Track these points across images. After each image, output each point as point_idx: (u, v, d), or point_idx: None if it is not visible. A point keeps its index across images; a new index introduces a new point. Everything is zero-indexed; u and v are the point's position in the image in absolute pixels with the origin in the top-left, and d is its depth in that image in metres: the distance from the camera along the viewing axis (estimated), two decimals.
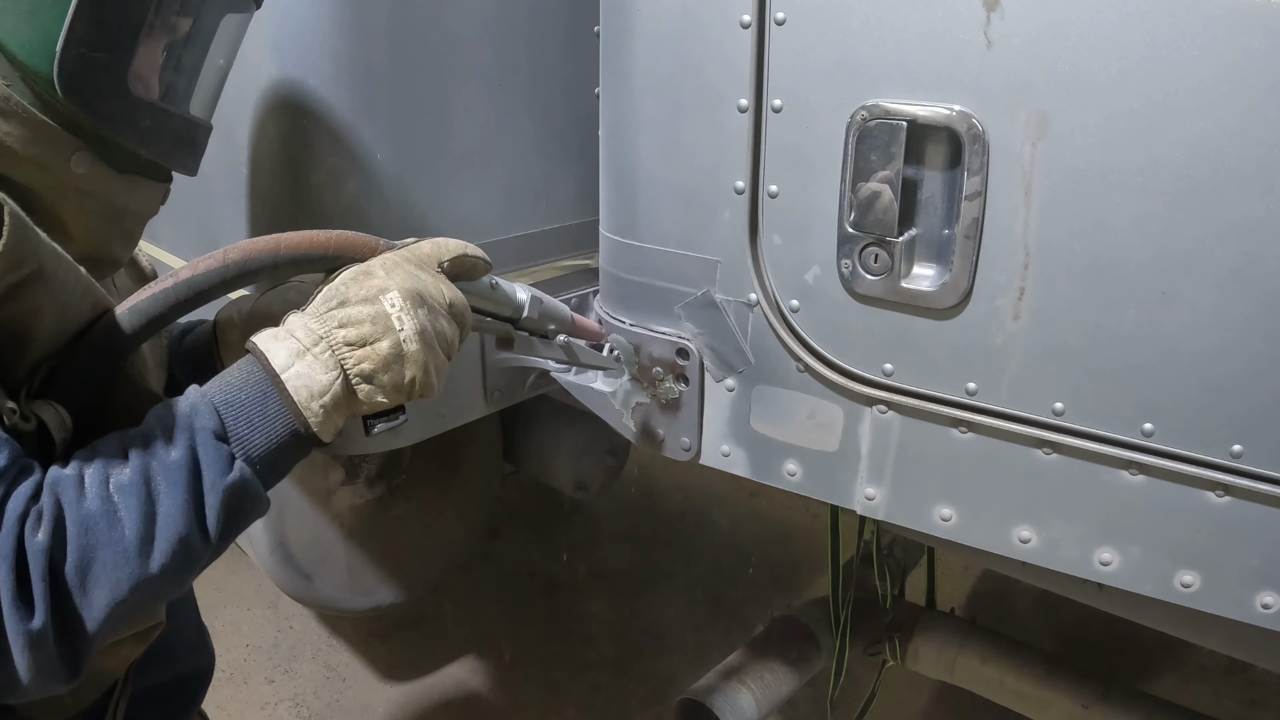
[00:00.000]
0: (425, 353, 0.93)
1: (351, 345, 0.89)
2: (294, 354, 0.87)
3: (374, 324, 0.90)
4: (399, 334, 0.90)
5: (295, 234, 0.95)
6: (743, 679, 1.90)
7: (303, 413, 0.86)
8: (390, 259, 0.96)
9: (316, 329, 0.89)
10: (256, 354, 0.88)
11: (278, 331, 0.90)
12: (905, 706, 2.78)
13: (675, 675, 2.98)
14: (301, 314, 0.91)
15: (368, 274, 0.93)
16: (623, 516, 3.92)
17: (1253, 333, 0.93)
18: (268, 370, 0.86)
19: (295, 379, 0.86)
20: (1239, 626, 1.04)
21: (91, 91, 0.89)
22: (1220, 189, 0.90)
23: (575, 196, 1.73)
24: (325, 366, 0.88)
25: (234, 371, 0.88)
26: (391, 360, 0.90)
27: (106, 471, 0.78)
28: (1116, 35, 0.91)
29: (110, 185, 0.94)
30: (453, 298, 0.98)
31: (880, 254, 1.09)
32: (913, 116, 1.03)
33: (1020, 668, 1.97)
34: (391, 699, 2.94)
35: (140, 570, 0.77)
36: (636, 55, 1.24)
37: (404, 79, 1.44)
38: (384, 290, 0.91)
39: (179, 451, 0.81)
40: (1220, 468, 0.98)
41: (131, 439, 0.82)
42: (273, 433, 0.86)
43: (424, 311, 0.93)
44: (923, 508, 1.20)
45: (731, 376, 1.30)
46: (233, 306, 1.21)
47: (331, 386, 0.88)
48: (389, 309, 0.90)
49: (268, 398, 0.86)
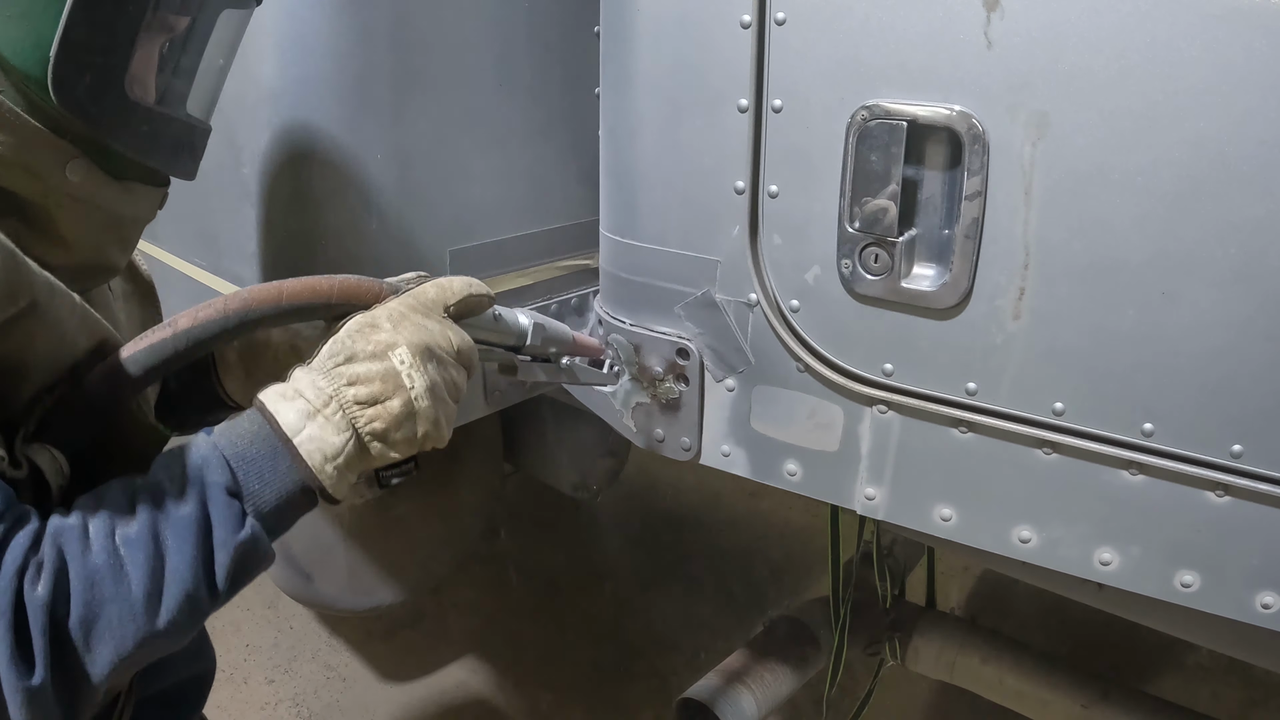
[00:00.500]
0: (436, 407, 0.92)
1: (362, 404, 0.88)
2: (304, 415, 0.86)
3: (384, 382, 0.89)
4: (410, 392, 0.90)
5: (296, 282, 0.93)
6: (743, 679, 1.90)
7: (317, 475, 0.85)
8: (396, 309, 0.94)
9: (326, 388, 0.87)
10: (265, 414, 0.86)
11: (285, 389, 0.88)
12: (905, 707, 2.78)
13: (675, 675, 2.98)
14: (308, 370, 0.90)
15: (374, 326, 0.92)
16: (623, 516, 3.92)
17: (1253, 333, 0.93)
18: (279, 434, 0.85)
19: (308, 442, 0.85)
20: (1239, 626, 1.04)
21: (87, 97, 0.85)
22: (1220, 189, 0.90)
23: (575, 196, 1.73)
24: (337, 428, 0.87)
25: (244, 424, 0.86)
26: (404, 418, 0.90)
27: (113, 523, 0.76)
28: (1116, 35, 0.91)
29: (107, 192, 0.91)
30: (459, 344, 0.97)
31: (880, 254, 1.09)
32: (913, 116, 1.03)
33: (1020, 668, 1.97)
34: (391, 699, 2.94)
35: (147, 626, 0.75)
36: (636, 55, 1.24)
37: (404, 79, 1.44)
38: (392, 346, 0.90)
39: (190, 506, 0.79)
40: (1220, 468, 0.98)
41: (139, 489, 0.80)
42: (284, 489, 0.84)
43: (433, 365, 0.93)
44: (923, 508, 1.20)
45: (731, 376, 1.30)
46: None
47: (345, 448, 0.87)
48: (398, 366, 0.89)
49: (279, 455, 0.84)
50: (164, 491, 0.79)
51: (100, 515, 0.76)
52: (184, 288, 1.86)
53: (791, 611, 2.12)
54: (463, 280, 1.02)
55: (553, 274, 1.75)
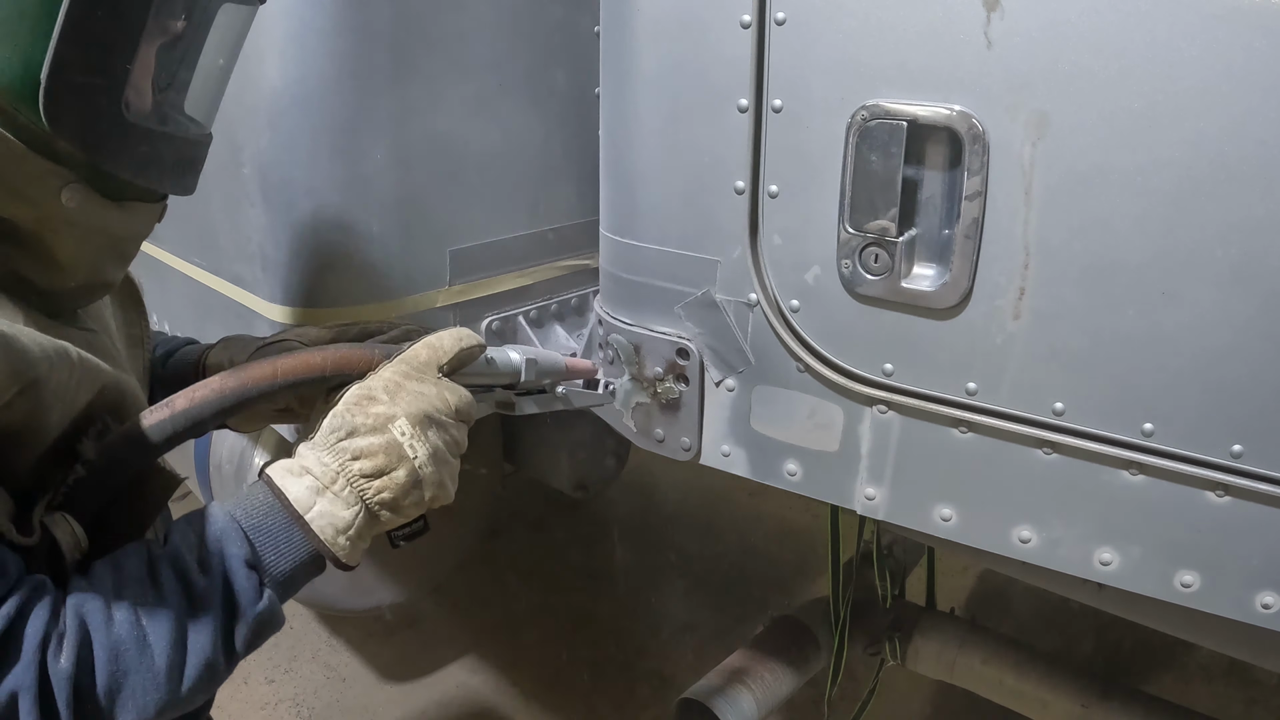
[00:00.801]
0: (440, 470, 0.95)
1: (368, 477, 0.90)
2: (313, 491, 0.89)
3: (387, 454, 0.90)
4: (413, 461, 0.92)
5: (290, 359, 0.95)
6: (743, 679, 1.90)
7: (330, 547, 0.88)
8: (391, 379, 0.95)
9: (332, 464, 0.89)
10: (274, 489, 0.88)
11: (291, 465, 0.90)
12: (905, 706, 2.78)
13: (675, 675, 2.98)
14: (312, 446, 0.91)
15: (370, 399, 0.93)
16: (623, 516, 3.92)
17: (1253, 333, 0.93)
18: (289, 510, 0.87)
19: (319, 518, 0.88)
20: (1239, 626, 1.04)
21: (83, 121, 0.80)
22: (1220, 189, 0.90)
23: (575, 196, 1.73)
24: (346, 503, 0.89)
25: (257, 495, 0.88)
26: (410, 487, 0.92)
27: (135, 594, 0.77)
28: (1116, 35, 0.91)
29: (104, 215, 0.86)
30: (457, 402, 0.98)
31: (880, 254, 1.09)
32: (913, 116, 1.03)
33: (1020, 668, 1.97)
34: (391, 699, 2.94)
35: (169, 694, 0.77)
36: (636, 55, 1.24)
37: (404, 79, 1.44)
38: (391, 418, 0.92)
39: (211, 579, 0.81)
40: (1220, 468, 0.98)
41: (159, 559, 0.81)
42: (298, 559, 0.88)
43: (434, 431, 0.94)
44: (923, 508, 1.20)
45: (731, 376, 1.30)
46: (224, 353, 1.18)
47: (355, 521, 0.90)
48: (399, 437, 0.91)
49: (292, 529, 0.87)
50: (184, 562, 0.81)
51: (122, 585, 0.77)
52: (184, 288, 1.86)
53: (791, 611, 2.12)
54: (452, 337, 1.02)
55: (553, 274, 1.75)
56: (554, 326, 1.79)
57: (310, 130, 1.42)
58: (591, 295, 1.79)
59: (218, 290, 1.72)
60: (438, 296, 1.59)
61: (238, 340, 1.20)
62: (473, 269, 1.62)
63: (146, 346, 1.09)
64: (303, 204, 1.46)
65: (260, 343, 1.17)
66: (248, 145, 1.46)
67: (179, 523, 0.86)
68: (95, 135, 0.81)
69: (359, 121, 1.43)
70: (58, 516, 0.79)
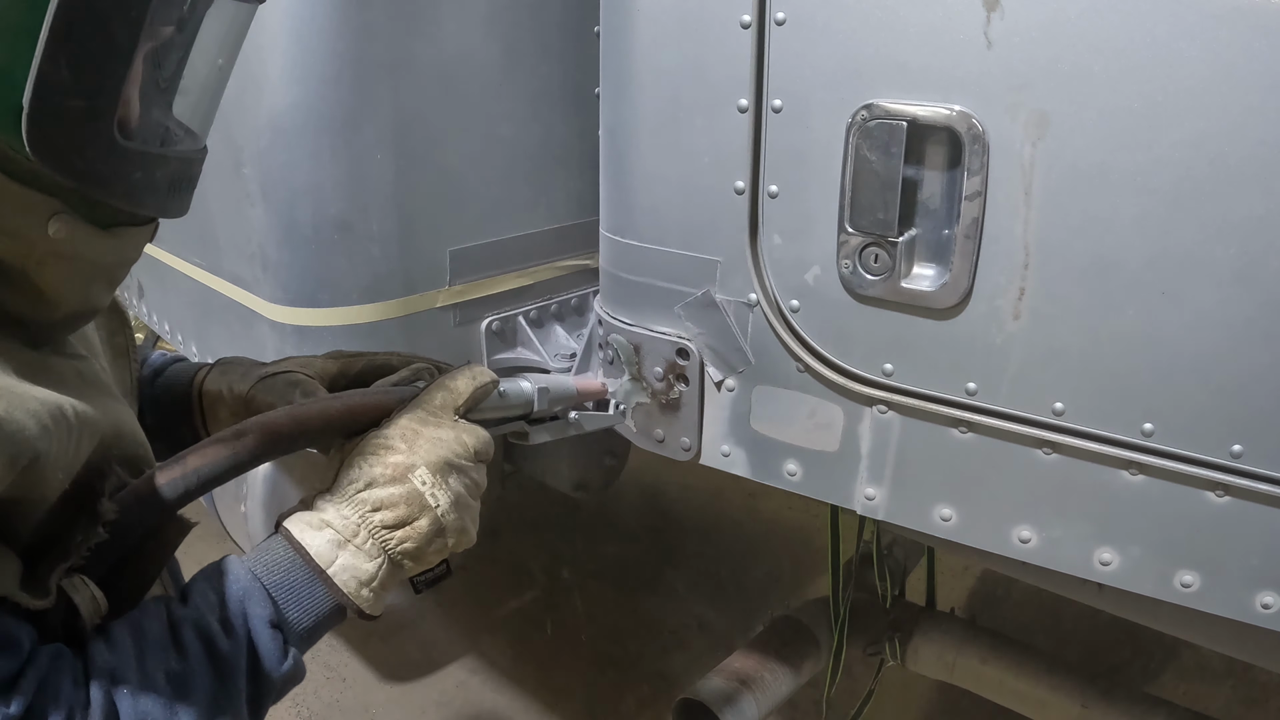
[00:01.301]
0: (462, 516, 0.94)
1: (390, 528, 0.89)
2: (334, 545, 0.87)
3: (409, 505, 0.89)
4: (435, 510, 0.91)
5: (307, 410, 0.93)
6: (742, 679, 1.90)
7: (353, 600, 0.87)
8: (408, 427, 0.94)
9: (352, 516, 0.88)
10: (294, 544, 0.87)
11: (310, 518, 0.88)
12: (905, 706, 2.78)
13: (675, 675, 2.98)
14: (330, 498, 0.90)
15: (388, 448, 0.91)
16: (623, 516, 3.92)
17: (1253, 333, 0.93)
18: (311, 565, 0.86)
19: (342, 572, 0.87)
20: (1239, 626, 1.04)
21: (72, 148, 0.71)
22: (1220, 189, 0.90)
23: (575, 196, 1.73)
24: (369, 555, 0.88)
25: (277, 551, 0.86)
26: (433, 535, 0.91)
27: (159, 663, 0.75)
28: (1116, 35, 0.91)
29: (94, 245, 0.78)
30: (475, 445, 0.97)
31: (880, 254, 1.09)
32: (913, 116, 1.03)
33: (1020, 668, 1.97)
34: (391, 699, 2.94)
35: None
36: (636, 55, 1.24)
37: (404, 79, 1.44)
38: (411, 468, 0.90)
39: (235, 642, 0.79)
40: (1220, 468, 0.98)
41: (180, 621, 0.78)
42: (320, 613, 0.87)
43: (454, 477, 0.93)
44: (923, 508, 1.20)
45: (731, 376, 1.30)
46: (222, 379, 1.11)
47: (378, 573, 0.88)
48: (420, 487, 0.90)
49: (315, 584, 0.86)
50: (207, 624, 0.79)
51: (145, 653, 0.75)
52: (184, 288, 1.86)
53: (791, 611, 2.12)
54: (466, 377, 1.01)
55: (553, 274, 1.75)
56: (554, 326, 1.79)
57: (310, 130, 1.42)
58: (591, 295, 1.79)
59: (218, 290, 1.72)
60: (438, 296, 1.59)
61: (235, 365, 1.14)
62: (473, 269, 1.62)
63: (132, 358, 1.03)
64: (303, 204, 1.46)
65: (261, 370, 1.11)
66: (248, 145, 1.46)
67: (198, 580, 0.83)
68: (86, 162, 0.72)
69: (359, 121, 1.43)
70: (76, 580, 0.76)
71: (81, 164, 0.72)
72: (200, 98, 0.89)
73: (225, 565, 0.84)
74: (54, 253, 0.75)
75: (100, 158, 0.73)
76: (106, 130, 0.73)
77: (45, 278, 0.76)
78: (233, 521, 2.27)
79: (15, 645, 0.67)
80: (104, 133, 0.73)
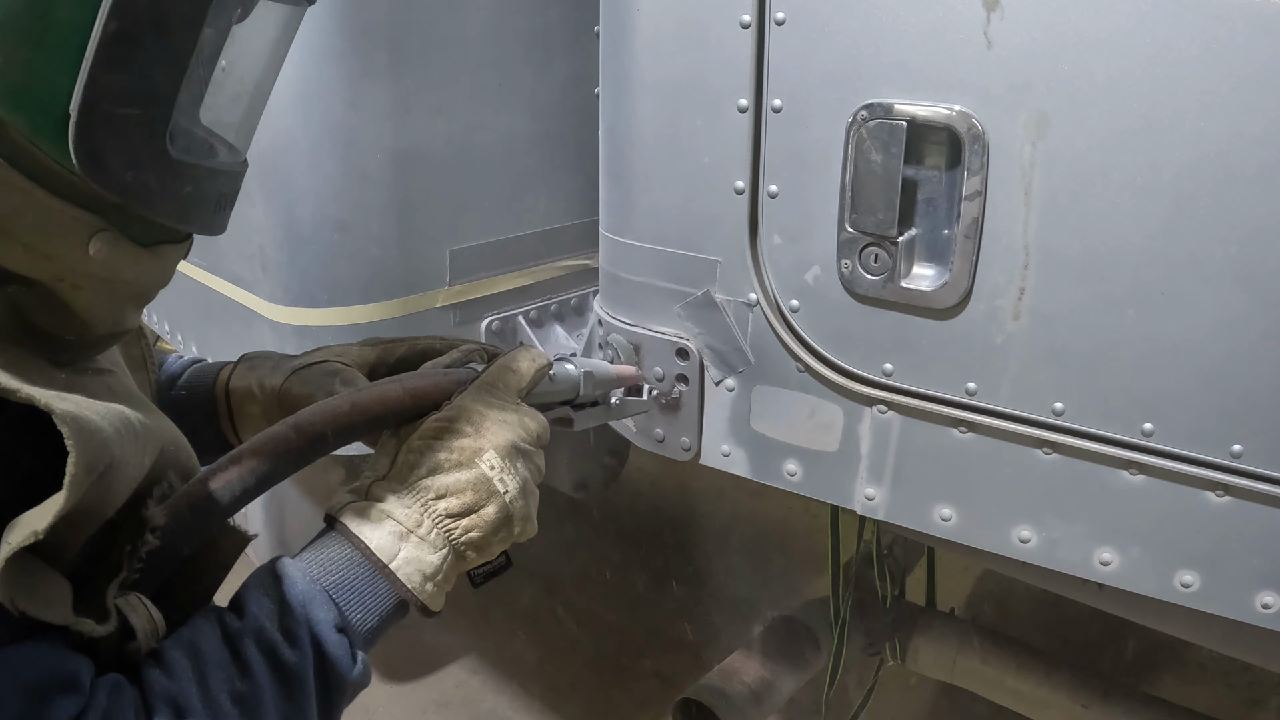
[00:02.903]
0: (529, 502, 0.90)
1: (454, 516, 0.84)
2: (396, 536, 0.82)
3: (476, 491, 0.85)
4: (504, 496, 0.86)
5: (366, 396, 0.87)
6: (743, 679, 1.90)
7: (417, 595, 0.83)
8: (475, 410, 0.89)
9: (414, 506, 0.83)
10: (352, 539, 0.81)
11: (368, 509, 0.82)
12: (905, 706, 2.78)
13: (675, 675, 2.98)
14: (389, 486, 0.84)
15: (454, 433, 0.87)
16: (623, 516, 3.91)
17: (1253, 333, 0.93)
18: (372, 560, 0.80)
19: (405, 565, 0.81)
20: (1239, 626, 1.04)
21: (120, 160, 0.65)
22: (1220, 189, 0.90)
23: (575, 196, 1.73)
24: (433, 546, 0.83)
25: (334, 548, 0.81)
26: (500, 524, 0.87)
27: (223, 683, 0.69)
28: (1117, 36, 0.91)
29: (133, 265, 0.73)
30: (538, 429, 0.92)
31: (880, 254, 1.09)
32: (913, 116, 1.03)
33: (1020, 668, 1.97)
34: (391, 699, 2.94)
35: None
36: (636, 55, 1.24)
37: (403, 79, 1.44)
38: (479, 451, 0.86)
39: (301, 652, 0.73)
40: (1220, 468, 0.98)
41: (239, 634, 0.72)
42: (384, 611, 0.82)
43: (521, 462, 0.89)
44: (923, 508, 1.20)
45: (731, 376, 1.30)
46: (250, 375, 1.06)
47: (443, 566, 0.84)
48: (489, 472, 0.86)
49: (378, 581, 0.81)
50: (269, 636, 0.72)
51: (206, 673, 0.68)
52: (184, 288, 1.86)
53: (791, 611, 2.12)
54: (527, 359, 0.97)
55: (553, 274, 1.75)
56: (554, 326, 1.79)
57: (310, 130, 1.42)
58: (591, 295, 1.79)
59: (218, 290, 1.72)
60: (438, 296, 1.59)
61: (263, 359, 1.09)
62: (473, 269, 1.62)
63: (150, 368, 0.98)
64: (303, 204, 1.47)
65: (293, 363, 1.06)
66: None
67: (251, 588, 0.77)
68: (136, 175, 0.67)
69: (359, 121, 1.43)
70: (133, 599, 0.69)
71: (132, 177, 0.67)
72: (248, 108, 0.85)
73: (280, 568, 0.78)
74: (91, 274, 0.70)
75: (152, 172, 0.68)
76: (160, 142, 0.68)
77: (79, 300, 0.71)
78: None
79: (76, 683, 0.61)
80: (157, 144, 0.68)
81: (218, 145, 0.80)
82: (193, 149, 0.74)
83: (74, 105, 0.61)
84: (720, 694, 1.86)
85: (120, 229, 0.69)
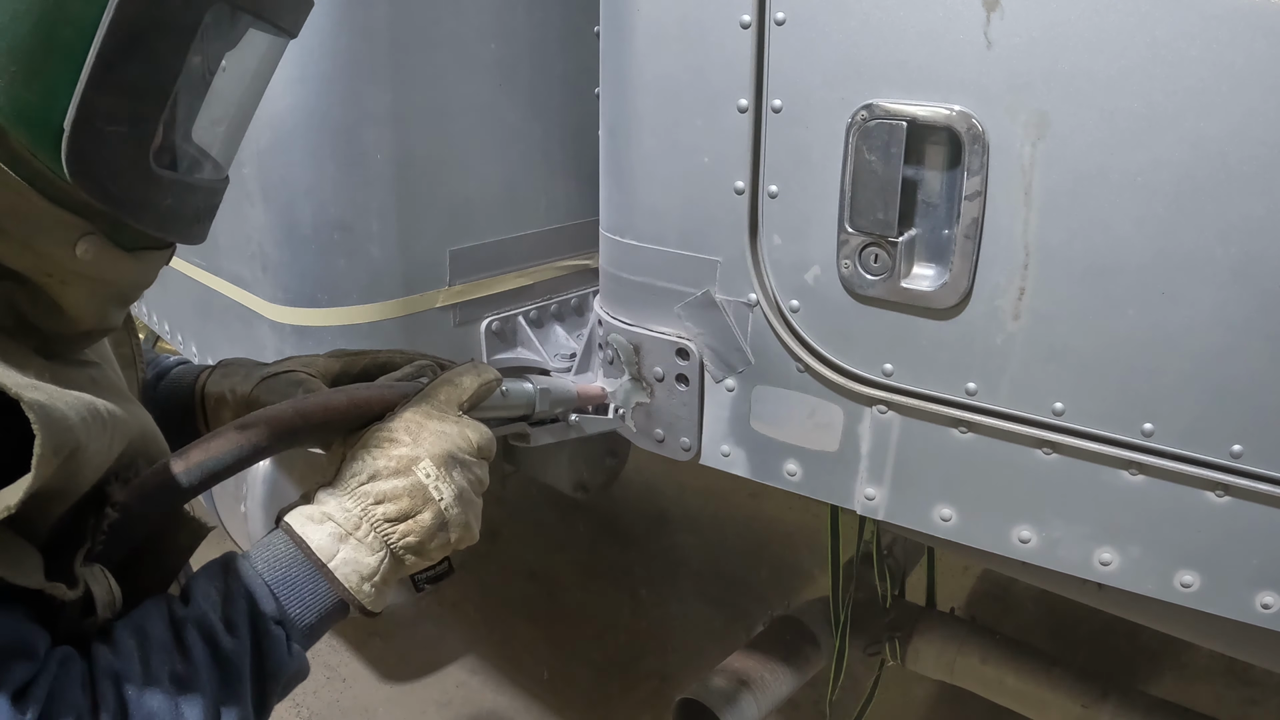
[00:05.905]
0: (466, 511, 0.93)
1: (392, 521, 0.88)
2: (335, 538, 0.86)
3: (412, 497, 0.89)
4: (439, 503, 0.90)
5: (311, 403, 0.92)
6: (742, 679, 1.90)
7: (355, 595, 0.87)
8: (412, 419, 0.93)
9: (354, 509, 0.87)
10: (294, 538, 0.86)
11: (311, 511, 0.88)
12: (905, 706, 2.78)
13: (675, 675, 2.98)
14: (332, 491, 0.89)
15: (392, 441, 0.91)
16: (623, 516, 3.92)
17: (1253, 333, 0.93)
18: (312, 559, 0.85)
19: (343, 565, 0.86)
20: (1239, 626, 1.04)
21: (107, 173, 0.72)
22: (1220, 189, 0.90)
23: (575, 196, 1.73)
24: (371, 549, 0.87)
25: (277, 546, 0.86)
26: (435, 530, 0.90)
27: (164, 665, 0.75)
28: (1117, 36, 0.91)
29: (118, 267, 0.79)
30: (479, 440, 0.96)
31: (880, 254, 1.09)
32: (913, 116, 1.03)
33: (1020, 668, 1.97)
34: (391, 699, 2.94)
35: None
36: (636, 55, 1.24)
37: (404, 79, 1.44)
38: (415, 460, 0.90)
39: (239, 641, 0.79)
40: (1220, 468, 0.98)
41: (184, 621, 0.78)
42: (323, 609, 0.86)
43: (458, 472, 0.93)
44: (923, 508, 1.20)
45: (731, 376, 1.30)
46: (223, 382, 1.12)
47: (380, 568, 0.88)
48: (424, 479, 0.89)
49: (317, 579, 0.85)
50: (210, 624, 0.78)
51: (149, 655, 0.75)
52: (184, 288, 1.86)
53: (791, 611, 2.12)
54: (471, 373, 1.01)
55: (553, 274, 1.75)
56: (554, 326, 1.79)
57: (310, 130, 1.42)
58: (591, 295, 1.79)
59: (218, 290, 1.72)
60: (438, 296, 1.59)
61: (237, 366, 1.14)
62: (473, 269, 1.62)
63: (139, 367, 1.04)
64: (303, 204, 1.47)
65: (263, 371, 1.12)
66: (248, 145, 1.45)
67: (199, 578, 0.83)
68: (121, 187, 0.74)
69: (359, 121, 1.43)
70: (96, 570, 0.76)
71: (117, 189, 0.73)
72: (229, 129, 0.91)
73: (227, 562, 0.84)
74: (77, 273, 0.76)
75: (136, 184, 0.75)
76: (144, 158, 0.74)
77: (67, 296, 0.77)
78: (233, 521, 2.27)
79: (32, 651, 0.68)
80: (141, 160, 0.74)
81: (200, 162, 0.86)
82: (175, 165, 0.81)
83: (68, 121, 0.68)
84: (720, 694, 1.86)
85: (106, 233, 0.76)
